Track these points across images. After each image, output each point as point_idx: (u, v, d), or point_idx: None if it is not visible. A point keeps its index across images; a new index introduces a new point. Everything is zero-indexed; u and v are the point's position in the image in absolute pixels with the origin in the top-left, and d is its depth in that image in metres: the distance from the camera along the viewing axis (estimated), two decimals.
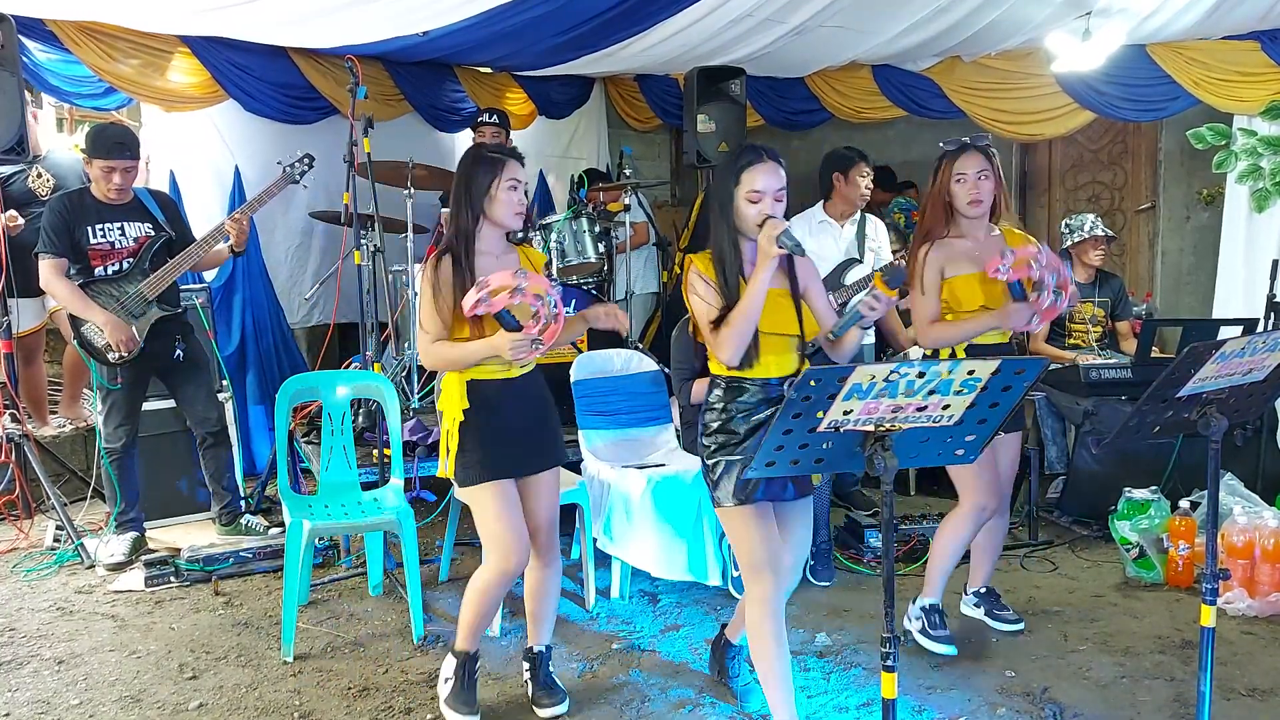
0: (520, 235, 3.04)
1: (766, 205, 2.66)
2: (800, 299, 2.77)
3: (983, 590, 3.68)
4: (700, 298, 2.72)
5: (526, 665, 3.14)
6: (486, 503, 2.90)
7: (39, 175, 4.96)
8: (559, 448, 3.10)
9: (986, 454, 3.24)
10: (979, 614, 3.67)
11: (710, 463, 2.73)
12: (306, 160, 4.65)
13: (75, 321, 4.23)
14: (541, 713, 3.03)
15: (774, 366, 2.72)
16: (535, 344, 2.78)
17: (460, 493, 2.99)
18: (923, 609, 3.49)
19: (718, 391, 2.75)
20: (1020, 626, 3.57)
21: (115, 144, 4.20)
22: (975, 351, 3.32)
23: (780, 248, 2.58)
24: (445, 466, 2.96)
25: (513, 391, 2.94)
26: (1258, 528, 3.77)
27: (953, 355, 3.33)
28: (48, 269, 4.18)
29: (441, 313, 2.84)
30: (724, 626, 3.26)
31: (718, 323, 2.68)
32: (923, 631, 3.47)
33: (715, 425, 2.73)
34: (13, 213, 4.72)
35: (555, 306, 2.79)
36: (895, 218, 6.99)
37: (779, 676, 2.73)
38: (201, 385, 4.57)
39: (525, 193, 2.94)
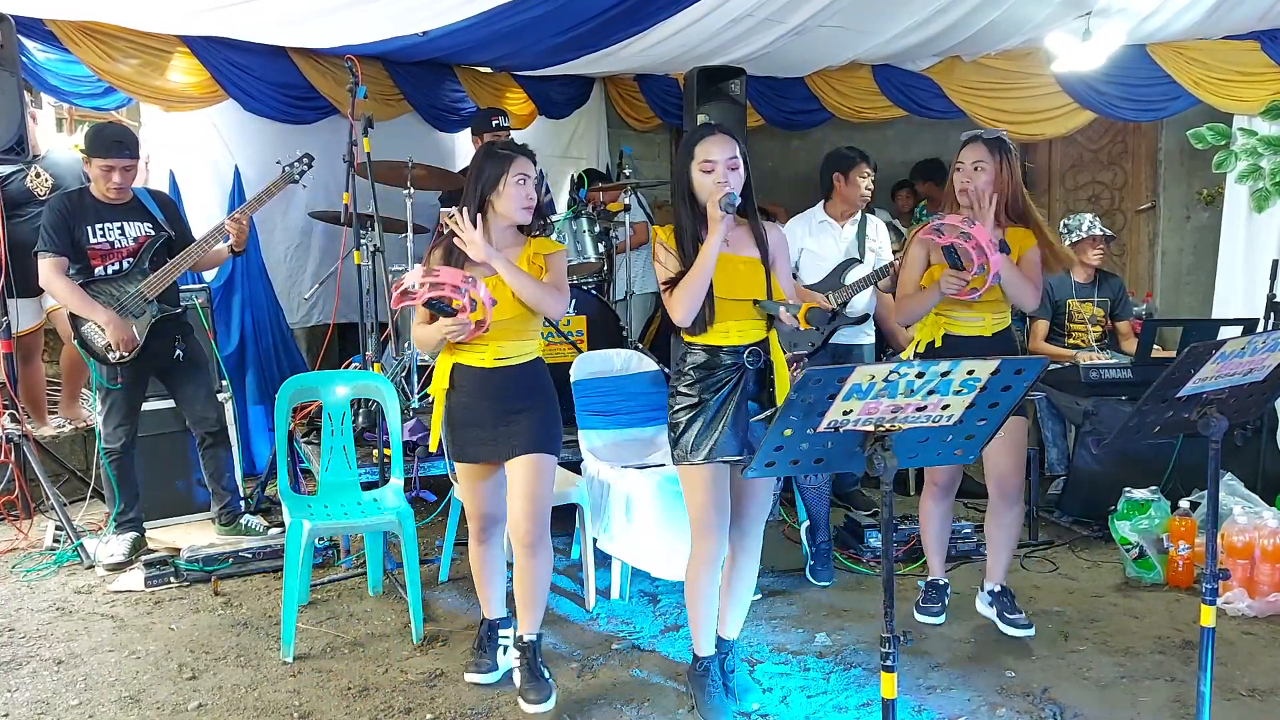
0: (537, 229, 3.12)
1: (719, 173, 2.81)
2: (770, 268, 2.92)
3: (997, 589, 3.63)
4: (660, 263, 2.90)
5: (516, 654, 3.14)
6: (460, 479, 3.21)
7: (37, 175, 4.96)
8: (540, 438, 3.06)
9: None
10: (991, 614, 3.63)
11: (674, 421, 2.90)
12: (306, 160, 4.65)
13: (75, 321, 4.23)
14: (527, 708, 3.02)
15: (736, 333, 2.86)
16: (478, 325, 2.92)
17: None
18: (921, 584, 3.78)
19: (687, 356, 2.91)
20: (1031, 632, 3.51)
21: (114, 143, 4.20)
22: (953, 343, 3.39)
23: (722, 210, 2.74)
24: (434, 443, 3.18)
25: (492, 380, 3.04)
26: (1258, 528, 3.77)
27: (931, 345, 3.45)
28: (48, 268, 4.18)
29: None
30: None
31: (674, 285, 2.85)
32: (917, 604, 3.72)
33: (683, 387, 2.89)
34: None
35: (477, 294, 2.89)
36: None
37: (706, 619, 3.02)
38: (201, 385, 4.57)
39: (538, 188, 3.06)
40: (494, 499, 3.17)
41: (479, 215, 2.99)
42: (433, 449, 3.16)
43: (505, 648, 3.27)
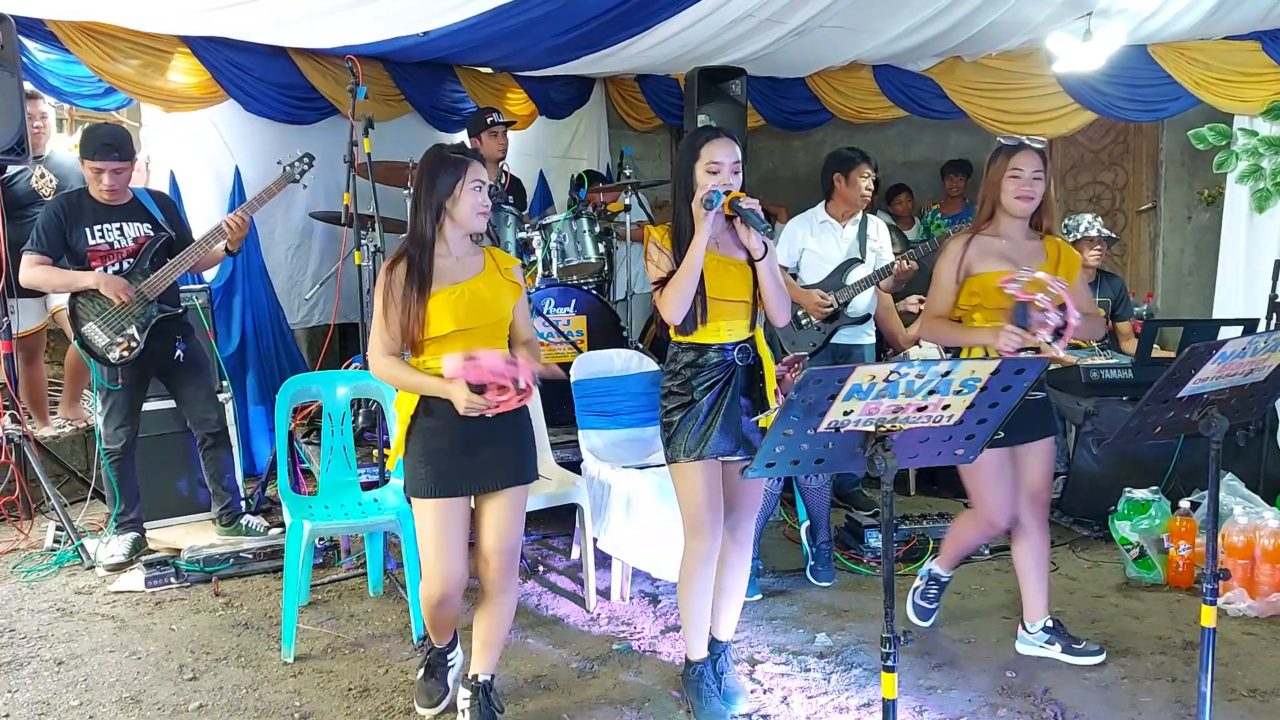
0: (484, 238, 2.94)
1: (724, 175, 2.84)
2: (756, 269, 2.91)
3: (1050, 624, 3.38)
4: (652, 262, 2.93)
5: (465, 694, 2.92)
6: (424, 519, 2.79)
7: (42, 175, 4.97)
8: (522, 466, 2.84)
9: (1001, 465, 3.12)
10: (1054, 652, 3.35)
11: (666, 420, 2.92)
12: (306, 160, 4.63)
13: (76, 321, 4.23)
14: None
15: (725, 332, 2.89)
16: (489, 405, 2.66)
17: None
18: (921, 575, 3.68)
19: (677, 355, 2.94)
20: (1101, 658, 3.31)
21: (102, 145, 4.18)
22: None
23: (703, 208, 2.78)
24: (393, 462, 2.83)
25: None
26: (1258, 528, 3.77)
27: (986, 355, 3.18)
28: (26, 262, 4.18)
29: (392, 324, 2.72)
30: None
31: (664, 284, 2.87)
32: (914, 595, 3.69)
33: (673, 386, 2.92)
34: None
35: (524, 387, 2.66)
36: None
37: (698, 619, 3.02)
38: (201, 386, 4.56)
39: (489, 193, 2.83)
40: (463, 552, 2.79)
41: (437, 226, 2.75)
42: (390, 467, 2.90)
43: (453, 668, 3.10)
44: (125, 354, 4.20)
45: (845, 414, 2.03)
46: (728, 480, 2.97)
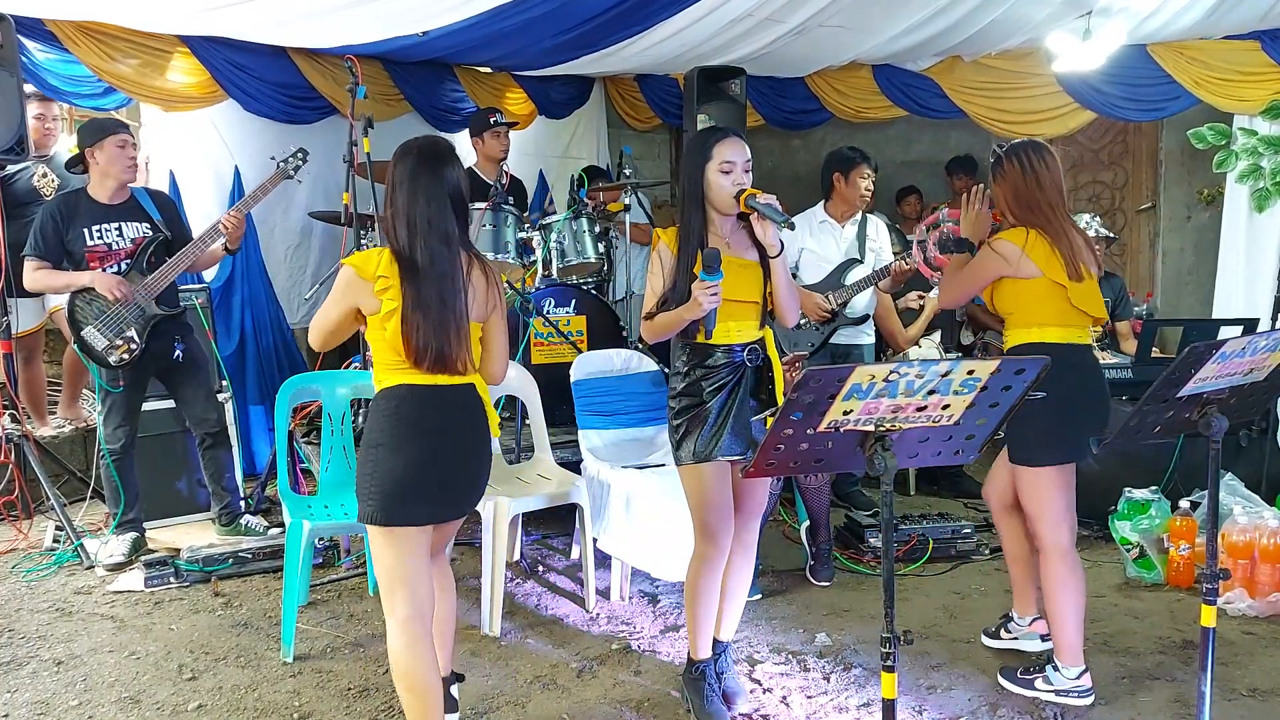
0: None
1: (738, 175, 2.84)
2: (768, 268, 2.90)
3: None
4: (650, 285, 2.91)
5: None
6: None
7: (44, 175, 4.97)
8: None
9: (1062, 477, 3.05)
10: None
11: (675, 423, 2.89)
12: (301, 155, 4.59)
13: (75, 324, 4.22)
14: None
15: (734, 333, 2.86)
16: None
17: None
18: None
19: (684, 356, 2.91)
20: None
21: (115, 122, 4.24)
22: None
23: (704, 276, 2.70)
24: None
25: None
26: (1258, 527, 3.77)
27: None
28: (28, 268, 4.19)
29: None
30: None
31: (655, 303, 2.90)
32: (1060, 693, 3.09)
33: (681, 387, 2.90)
34: None
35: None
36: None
37: (704, 620, 3.00)
38: (201, 385, 4.56)
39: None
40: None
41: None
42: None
43: None
44: (125, 356, 4.20)
45: (845, 414, 2.03)
46: (734, 481, 2.96)
